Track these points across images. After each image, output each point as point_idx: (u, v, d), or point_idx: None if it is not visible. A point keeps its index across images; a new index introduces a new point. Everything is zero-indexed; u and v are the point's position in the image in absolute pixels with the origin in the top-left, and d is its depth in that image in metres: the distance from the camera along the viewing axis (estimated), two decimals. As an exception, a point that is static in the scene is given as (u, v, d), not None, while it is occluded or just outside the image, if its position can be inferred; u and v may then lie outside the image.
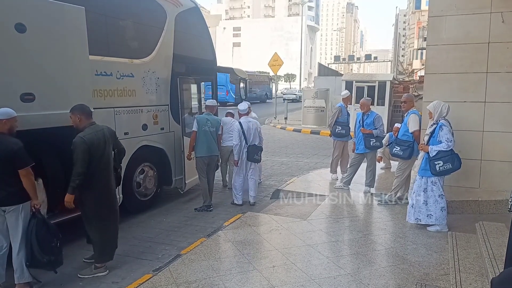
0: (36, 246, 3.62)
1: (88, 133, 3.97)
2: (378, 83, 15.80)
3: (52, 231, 3.77)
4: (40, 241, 3.64)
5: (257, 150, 6.42)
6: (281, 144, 13.73)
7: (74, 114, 4.03)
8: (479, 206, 5.58)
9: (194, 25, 7.22)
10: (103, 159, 4.09)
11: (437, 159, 4.86)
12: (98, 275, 4.11)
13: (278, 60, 20.66)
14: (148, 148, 6.13)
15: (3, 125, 3.54)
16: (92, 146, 3.93)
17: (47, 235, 3.71)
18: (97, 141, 4.00)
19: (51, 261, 3.72)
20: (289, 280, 3.81)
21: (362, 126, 6.84)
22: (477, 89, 5.66)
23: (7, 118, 3.56)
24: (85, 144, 3.89)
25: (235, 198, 6.58)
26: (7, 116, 3.56)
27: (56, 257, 3.78)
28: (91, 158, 3.93)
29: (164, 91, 6.37)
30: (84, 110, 4.09)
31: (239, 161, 6.37)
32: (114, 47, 5.53)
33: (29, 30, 3.99)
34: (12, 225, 3.60)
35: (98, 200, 4.10)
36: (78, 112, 4.03)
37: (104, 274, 4.13)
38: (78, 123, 4.02)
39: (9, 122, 3.58)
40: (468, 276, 3.73)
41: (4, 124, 3.54)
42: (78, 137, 3.92)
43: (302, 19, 61.24)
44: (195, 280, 3.82)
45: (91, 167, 3.96)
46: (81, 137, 3.91)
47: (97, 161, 4.01)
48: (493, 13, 5.49)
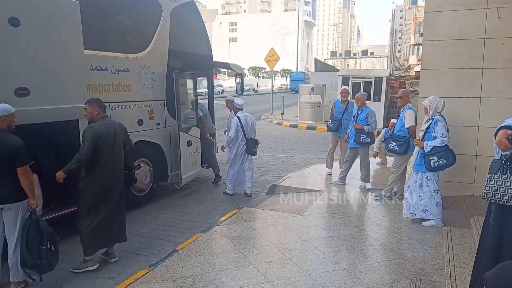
0: (24, 248, 3.54)
1: (99, 125, 4.06)
2: (375, 78, 15.82)
3: (45, 234, 3.64)
4: (29, 243, 3.55)
5: (255, 143, 6.79)
6: (278, 140, 13.73)
7: (91, 106, 4.11)
8: (474, 201, 5.61)
9: (190, 19, 7.18)
10: (112, 154, 4.11)
11: (432, 155, 4.88)
12: (88, 269, 4.08)
13: (275, 56, 20.62)
14: (144, 144, 6.11)
15: (2, 122, 3.49)
16: (100, 137, 3.99)
17: (37, 237, 3.59)
18: (107, 134, 4.05)
19: (37, 265, 3.59)
20: (285, 275, 3.82)
21: (355, 121, 6.87)
22: (473, 85, 5.66)
23: (6, 115, 3.51)
24: (95, 133, 3.96)
25: (227, 188, 6.93)
26: (6, 112, 3.51)
27: (44, 261, 3.61)
28: (97, 149, 3.97)
29: (159, 86, 6.34)
30: (101, 104, 4.21)
31: (227, 148, 6.85)
32: (109, 42, 5.49)
33: (23, 24, 3.95)
34: (10, 223, 3.55)
35: (97, 191, 4.07)
36: (96, 104, 4.13)
37: (93, 268, 4.10)
38: (95, 115, 4.10)
39: (8, 118, 3.53)
40: (462, 270, 3.75)
41: (3, 120, 3.49)
42: (89, 127, 4.02)
43: (298, 14, 61.18)
44: (191, 275, 3.82)
45: (96, 158, 3.99)
46: (92, 127, 4.02)
47: (104, 154, 4.04)
48: (489, 9, 5.49)
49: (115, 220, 4.30)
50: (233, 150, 6.75)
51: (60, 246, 3.90)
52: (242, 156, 6.77)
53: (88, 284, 3.90)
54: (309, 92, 17.93)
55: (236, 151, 6.72)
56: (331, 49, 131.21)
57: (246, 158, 6.80)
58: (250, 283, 3.68)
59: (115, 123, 4.26)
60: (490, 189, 2.60)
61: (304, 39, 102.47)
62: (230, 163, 6.79)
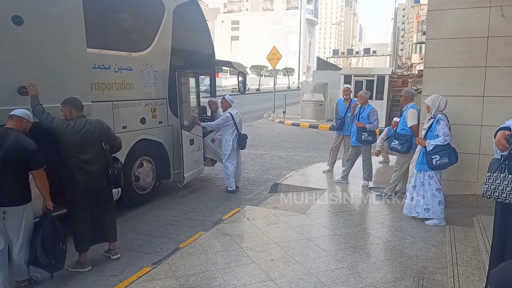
0: (40, 248, 3.58)
1: (71, 121, 3.95)
2: (377, 77, 15.79)
3: (58, 234, 3.73)
4: (45, 243, 3.61)
5: (246, 138, 7.20)
6: (280, 138, 13.73)
7: (64, 107, 4.00)
8: (477, 200, 5.60)
9: (192, 18, 7.18)
10: (86, 152, 4.00)
11: (434, 153, 4.88)
12: (79, 270, 4.07)
13: (277, 54, 20.61)
14: (147, 142, 6.12)
15: (22, 125, 3.61)
16: (67, 130, 3.89)
17: (52, 238, 3.66)
18: (79, 130, 3.93)
19: (51, 264, 3.67)
20: (287, 273, 3.83)
21: (357, 119, 6.86)
22: (476, 83, 5.65)
23: (27, 120, 3.64)
24: (62, 123, 3.90)
25: (228, 185, 6.99)
26: (28, 117, 3.66)
27: (57, 261, 3.73)
28: (65, 146, 3.91)
29: (162, 84, 6.35)
30: (76, 103, 4.04)
31: (217, 143, 7.27)
32: (112, 40, 5.50)
33: (26, 23, 3.96)
34: (14, 226, 3.52)
35: (79, 193, 4.03)
36: (69, 105, 4.00)
37: (85, 271, 4.07)
38: (68, 116, 3.98)
39: (27, 123, 3.67)
40: (465, 269, 3.75)
41: (23, 123, 3.62)
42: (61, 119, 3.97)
43: (300, 12, 61.06)
44: (194, 274, 3.83)
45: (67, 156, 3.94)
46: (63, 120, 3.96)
47: (74, 151, 3.93)
48: (493, 7, 5.47)
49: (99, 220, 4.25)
50: (228, 146, 6.92)
51: (64, 244, 3.93)
52: (236, 150, 7.02)
53: (91, 281, 3.92)
54: (311, 91, 17.91)
55: (232, 147, 6.91)
56: (333, 48, 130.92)
57: (239, 153, 7.13)
58: (252, 281, 3.69)
59: (94, 121, 4.10)
60: (489, 187, 2.68)
61: (306, 37, 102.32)
62: (227, 159, 6.91)
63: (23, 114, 3.63)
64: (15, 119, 3.59)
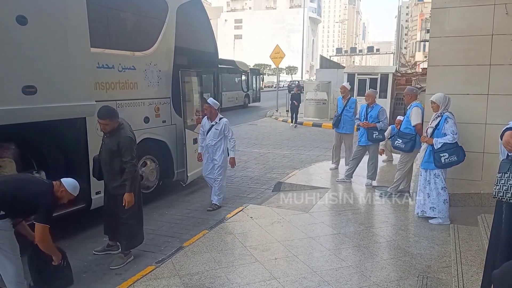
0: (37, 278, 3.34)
1: (130, 130, 4.23)
2: (381, 75, 15.76)
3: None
4: (41, 271, 3.35)
5: None
6: (283, 137, 13.72)
7: (114, 120, 4.09)
8: (481, 199, 5.58)
9: (195, 17, 7.18)
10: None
11: (443, 152, 4.85)
12: (127, 262, 4.29)
13: (280, 53, 20.59)
14: (150, 141, 6.13)
15: (59, 191, 3.31)
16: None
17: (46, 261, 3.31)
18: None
19: (61, 285, 3.47)
20: (291, 272, 3.83)
21: (365, 119, 6.83)
22: (480, 82, 5.62)
23: (66, 190, 3.34)
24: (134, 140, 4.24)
25: (218, 200, 6.08)
26: (74, 191, 3.40)
27: (62, 280, 3.47)
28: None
29: (165, 83, 6.36)
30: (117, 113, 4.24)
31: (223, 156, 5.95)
32: (116, 40, 5.51)
33: (31, 22, 3.97)
34: None
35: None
36: (118, 117, 4.17)
37: (130, 260, 4.34)
38: (116, 126, 4.13)
39: (64, 193, 3.35)
40: (469, 268, 3.74)
41: (60, 192, 3.32)
42: (127, 137, 4.12)
43: (304, 11, 60.91)
44: (198, 272, 3.84)
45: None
46: (130, 137, 4.16)
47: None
48: (497, 5, 5.44)
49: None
50: (226, 156, 6.01)
51: (68, 243, 3.94)
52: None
53: (96, 280, 3.94)
54: (314, 89, 17.88)
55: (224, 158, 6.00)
56: (336, 46, 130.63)
57: None
58: (256, 280, 3.69)
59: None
60: (500, 188, 2.65)
61: (309, 36, 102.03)
62: (225, 172, 6.11)
63: (69, 186, 3.36)
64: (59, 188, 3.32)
